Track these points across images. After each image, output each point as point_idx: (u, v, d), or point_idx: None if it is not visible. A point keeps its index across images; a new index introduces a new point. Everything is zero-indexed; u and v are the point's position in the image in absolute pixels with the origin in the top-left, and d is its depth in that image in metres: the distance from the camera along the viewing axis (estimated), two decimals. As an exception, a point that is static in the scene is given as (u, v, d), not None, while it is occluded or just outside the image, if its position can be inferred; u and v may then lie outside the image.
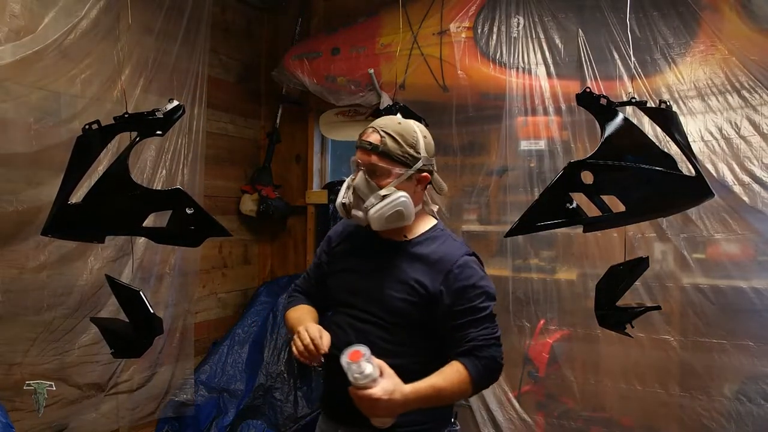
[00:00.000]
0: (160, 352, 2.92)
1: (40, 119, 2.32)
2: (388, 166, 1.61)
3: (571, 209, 1.96)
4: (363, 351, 1.40)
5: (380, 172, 1.61)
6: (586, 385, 2.75)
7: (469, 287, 1.59)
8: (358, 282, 1.70)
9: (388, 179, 1.61)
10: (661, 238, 2.64)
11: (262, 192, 3.60)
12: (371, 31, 3.16)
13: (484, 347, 1.55)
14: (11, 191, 2.27)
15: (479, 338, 1.55)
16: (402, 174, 1.61)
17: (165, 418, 3.03)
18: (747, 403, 2.49)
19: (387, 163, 1.61)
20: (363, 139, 1.64)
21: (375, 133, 1.63)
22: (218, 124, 3.48)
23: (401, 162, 1.61)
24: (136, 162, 2.65)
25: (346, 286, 1.73)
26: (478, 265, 1.66)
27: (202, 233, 1.79)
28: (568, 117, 2.76)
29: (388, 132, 1.62)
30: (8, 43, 2.12)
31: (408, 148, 1.62)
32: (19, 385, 2.25)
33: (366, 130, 1.67)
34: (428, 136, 1.69)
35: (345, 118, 3.54)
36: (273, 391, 3.28)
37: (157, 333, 1.88)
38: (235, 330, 3.43)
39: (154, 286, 2.84)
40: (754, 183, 2.46)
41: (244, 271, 3.75)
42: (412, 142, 1.62)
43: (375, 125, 1.66)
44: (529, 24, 2.82)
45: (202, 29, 3.01)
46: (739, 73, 2.49)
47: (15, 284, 2.32)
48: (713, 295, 2.55)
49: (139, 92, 2.68)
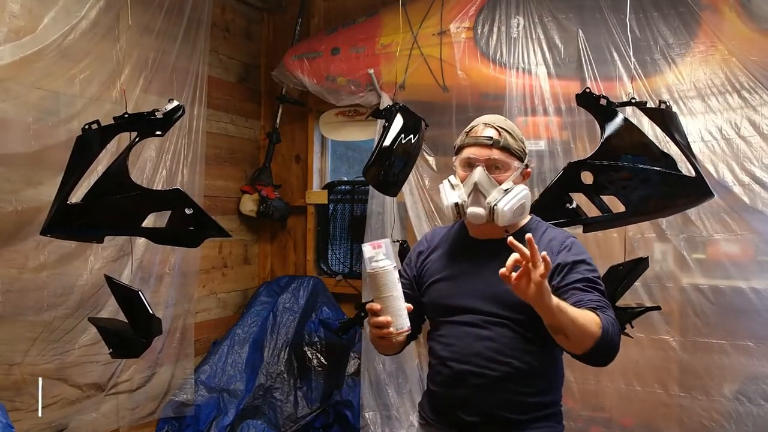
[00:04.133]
0: (160, 352, 2.91)
1: (39, 119, 2.32)
2: (509, 160, 1.61)
3: (571, 209, 1.97)
4: (384, 243, 1.47)
5: (502, 166, 1.60)
6: (586, 385, 2.75)
7: (581, 262, 1.57)
8: (465, 285, 1.63)
9: (507, 173, 1.60)
10: (661, 238, 2.64)
11: (262, 192, 3.59)
12: (371, 31, 3.16)
13: (607, 309, 1.49)
14: (11, 191, 2.27)
15: (602, 302, 1.50)
16: (519, 168, 1.62)
17: (165, 418, 3.03)
18: (747, 403, 2.49)
19: (507, 157, 1.61)
20: (480, 135, 1.62)
21: (489, 128, 1.62)
22: (218, 124, 3.48)
23: (518, 156, 1.62)
24: (136, 162, 2.65)
25: (452, 291, 1.65)
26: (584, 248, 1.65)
27: (201, 234, 1.79)
28: (568, 117, 2.76)
29: (503, 127, 1.62)
30: (8, 43, 2.12)
31: (521, 142, 1.64)
32: (19, 385, 2.26)
33: (474, 127, 1.65)
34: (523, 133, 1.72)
35: (345, 118, 3.54)
36: (273, 391, 3.28)
37: (156, 333, 1.88)
38: (235, 330, 3.43)
39: (153, 286, 2.83)
40: (754, 183, 2.45)
41: (244, 271, 3.75)
42: (521, 137, 1.65)
43: (484, 121, 1.64)
44: (529, 24, 2.82)
45: (202, 29, 3.00)
46: (739, 73, 2.48)
47: (15, 284, 2.31)
48: (713, 296, 2.55)
49: (139, 92, 2.67)
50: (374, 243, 1.47)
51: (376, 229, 3.22)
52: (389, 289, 1.45)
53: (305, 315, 3.44)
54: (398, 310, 1.46)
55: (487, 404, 1.57)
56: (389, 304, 1.45)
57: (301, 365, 3.35)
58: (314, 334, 3.41)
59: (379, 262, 1.44)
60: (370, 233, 3.25)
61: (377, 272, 1.44)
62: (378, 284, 1.46)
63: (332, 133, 3.63)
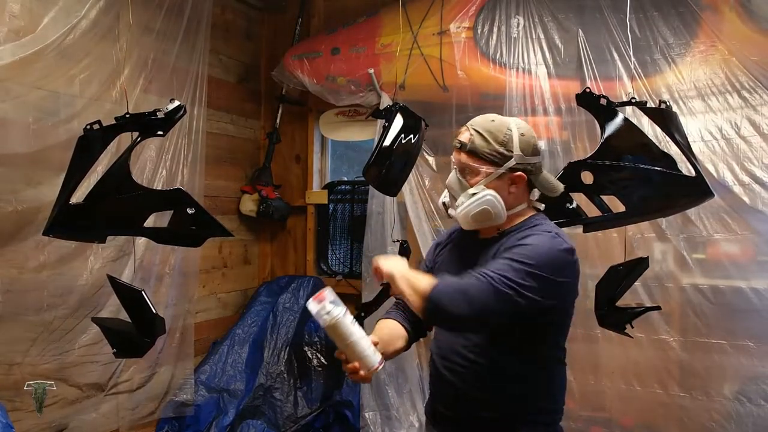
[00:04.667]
0: (160, 352, 2.91)
1: (39, 119, 2.32)
2: (477, 165, 1.56)
3: (571, 209, 1.97)
4: (326, 294, 1.45)
5: (469, 171, 1.57)
6: (586, 385, 2.75)
7: (522, 245, 1.47)
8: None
9: (477, 178, 1.56)
10: (661, 238, 2.64)
11: (262, 192, 3.60)
12: (371, 31, 3.16)
13: (487, 277, 1.41)
14: (10, 191, 2.27)
15: (492, 272, 1.42)
16: (492, 173, 1.55)
17: (165, 418, 3.03)
18: (747, 403, 2.49)
19: (475, 162, 1.56)
20: (456, 138, 1.61)
21: (466, 131, 1.59)
22: (218, 124, 3.48)
23: (490, 160, 1.55)
24: (137, 162, 2.65)
25: None
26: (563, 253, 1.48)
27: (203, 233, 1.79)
28: (568, 117, 2.76)
29: (478, 129, 1.57)
30: (8, 43, 2.12)
31: (497, 146, 1.54)
32: (19, 385, 2.25)
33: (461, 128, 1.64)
34: (527, 134, 1.58)
35: (345, 118, 3.54)
36: (273, 391, 3.28)
37: (159, 333, 1.88)
38: (235, 330, 3.43)
39: (154, 286, 2.84)
40: (754, 183, 2.46)
41: (244, 271, 3.75)
42: (503, 139, 1.55)
43: (469, 123, 1.62)
44: (529, 24, 2.82)
45: (202, 29, 3.00)
46: (739, 73, 2.49)
47: (15, 284, 2.31)
48: (713, 296, 2.55)
49: (139, 92, 2.67)
50: (316, 296, 1.45)
51: (376, 229, 3.22)
52: (347, 335, 1.46)
53: (305, 315, 3.44)
54: (362, 352, 1.47)
55: (461, 401, 1.60)
56: (352, 350, 1.47)
57: (301, 365, 3.35)
58: (314, 334, 3.41)
59: (329, 313, 1.44)
60: (370, 233, 3.25)
61: (330, 324, 1.44)
62: (335, 335, 1.47)
63: (332, 133, 3.64)
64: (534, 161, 1.58)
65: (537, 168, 1.59)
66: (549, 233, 1.52)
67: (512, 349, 1.54)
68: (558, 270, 1.46)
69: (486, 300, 1.40)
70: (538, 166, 1.59)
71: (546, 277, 1.43)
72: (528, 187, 1.61)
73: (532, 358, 1.56)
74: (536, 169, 1.59)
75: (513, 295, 1.40)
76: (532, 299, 1.41)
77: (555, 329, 1.59)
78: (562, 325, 1.60)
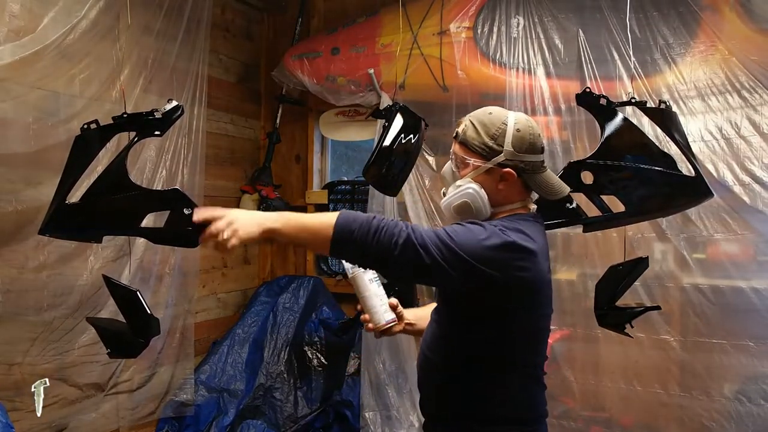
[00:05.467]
0: (160, 353, 2.91)
1: (39, 119, 2.32)
2: (465, 156, 1.51)
3: (571, 209, 1.96)
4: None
5: (459, 162, 1.53)
6: (586, 385, 2.75)
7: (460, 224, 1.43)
8: None
9: (467, 170, 1.51)
10: (661, 238, 2.64)
11: (262, 192, 3.60)
12: (371, 31, 3.16)
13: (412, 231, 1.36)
14: (10, 191, 2.27)
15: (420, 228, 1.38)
16: (479, 166, 1.49)
17: (165, 418, 3.02)
18: (747, 403, 2.49)
19: (465, 153, 1.51)
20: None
21: (463, 121, 1.56)
22: (218, 124, 3.48)
23: (479, 153, 1.49)
24: (136, 162, 2.65)
25: None
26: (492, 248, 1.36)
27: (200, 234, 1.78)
28: (567, 117, 2.76)
29: (473, 121, 1.52)
30: (7, 43, 2.12)
31: (487, 138, 1.47)
32: (19, 385, 2.25)
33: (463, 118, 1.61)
34: (524, 130, 1.48)
35: (345, 118, 3.54)
36: (273, 391, 3.28)
37: (154, 334, 1.86)
38: (235, 330, 3.43)
39: (153, 286, 2.83)
40: (754, 183, 2.46)
41: (244, 271, 3.75)
42: (494, 133, 1.47)
43: (470, 114, 1.57)
44: (529, 24, 2.82)
45: (202, 29, 3.00)
46: (739, 73, 2.49)
47: (15, 284, 2.31)
48: (713, 295, 2.55)
49: (139, 92, 2.67)
50: None
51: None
52: (362, 289, 1.69)
53: (305, 315, 3.44)
54: (373, 308, 1.68)
55: (422, 397, 1.64)
56: (364, 303, 1.69)
57: (301, 365, 3.35)
58: (314, 334, 3.41)
59: (354, 267, 1.67)
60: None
61: (351, 276, 1.70)
62: (354, 286, 1.71)
63: (332, 133, 3.64)
64: (528, 159, 1.48)
65: (532, 167, 1.49)
66: (495, 227, 1.41)
67: (464, 349, 1.50)
68: (481, 259, 1.36)
69: (395, 239, 1.34)
70: (534, 165, 1.50)
71: (463, 257, 1.34)
72: (525, 187, 1.53)
73: (483, 363, 1.48)
74: (531, 168, 1.49)
75: (420, 247, 1.33)
76: (439, 265, 1.34)
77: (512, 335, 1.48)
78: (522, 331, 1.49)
